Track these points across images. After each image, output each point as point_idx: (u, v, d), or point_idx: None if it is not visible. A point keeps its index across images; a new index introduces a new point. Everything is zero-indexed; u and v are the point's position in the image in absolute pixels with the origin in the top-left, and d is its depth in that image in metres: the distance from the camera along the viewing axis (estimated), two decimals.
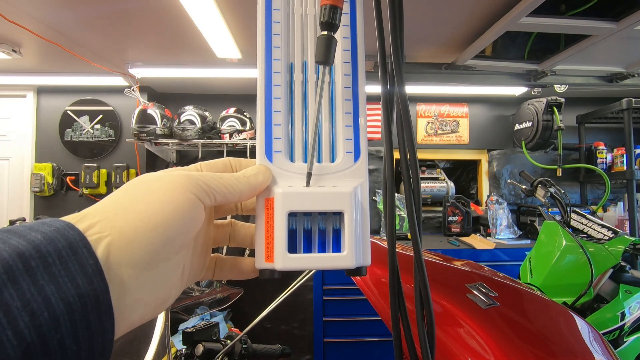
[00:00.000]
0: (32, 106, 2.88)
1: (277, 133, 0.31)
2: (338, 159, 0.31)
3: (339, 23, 0.29)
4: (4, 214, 2.81)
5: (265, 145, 0.31)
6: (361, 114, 0.32)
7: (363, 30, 0.33)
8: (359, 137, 0.31)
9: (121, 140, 2.86)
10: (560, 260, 1.49)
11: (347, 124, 0.31)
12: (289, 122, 0.31)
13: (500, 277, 0.68)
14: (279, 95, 0.31)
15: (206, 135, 2.61)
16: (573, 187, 3.00)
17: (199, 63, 2.40)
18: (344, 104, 0.32)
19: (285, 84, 0.31)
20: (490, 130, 3.08)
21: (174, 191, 0.23)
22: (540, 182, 1.70)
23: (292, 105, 0.32)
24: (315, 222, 0.29)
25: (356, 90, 0.32)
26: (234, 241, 0.33)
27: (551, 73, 2.13)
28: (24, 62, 2.40)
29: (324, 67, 0.30)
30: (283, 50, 0.32)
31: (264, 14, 0.32)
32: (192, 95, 3.02)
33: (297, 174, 0.30)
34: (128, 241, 0.21)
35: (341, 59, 0.32)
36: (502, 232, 2.53)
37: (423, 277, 0.34)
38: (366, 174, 0.31)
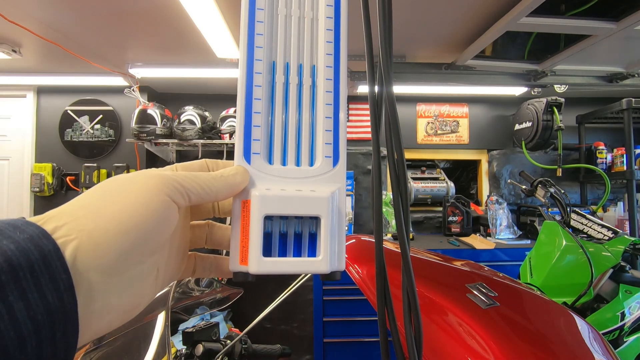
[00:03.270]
0: (32, 106, 2.89)
1: (257, 134, 0.30)
2: (317, 163, 0.31)
3: None
4: (4, 214, 2.82)
5: (243, 146, 0.30)
6: (341, 119, 0.31)
7: (347, 35, 0.33)
8: (338, 141, 0.31)
9: (121, 140, 2.87)
10: (560, 260, 1.48)
11: (327, 129, 0.31)
12: (268, 124, 0.31)
13: (500, 277, 0.67)
14: (259, 96, 0.31)
15: (206, 135, 2.61)
16: (573, 187, 2.98)
17: (199, 63, 2.40)
18: (325, 108, 0.31)
19: (267, 85, 0.31)
20: (490, 130, 3.07)
21: (146, 192, 0.23)
22: (540, 182, 1.69)
23: (273, 107, 0.31)
24: (292, 226, 0.29)
25: (337, 95, 0.32)
26: (211, 242, 0.33)
27: (551, 73, 2.12)
28: (24, 62, 2.41)
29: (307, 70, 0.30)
30: (265, 51, 0.31)
31: (247, 12, 0.32)
32: (192, 95, 3.02)
33: (275, 177, 0.30)
34: (97, 245, 0.20)
35: (324, 62, 0.32)
36: (502, 232, 2.52)
37: (411, 281, 0.34)
38: (344, 179, 0.31)
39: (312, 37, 0.33)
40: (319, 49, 0.32)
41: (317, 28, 0.33)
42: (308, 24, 0.33)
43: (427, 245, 2.38)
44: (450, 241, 2.49)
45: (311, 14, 0.33)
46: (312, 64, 0.32)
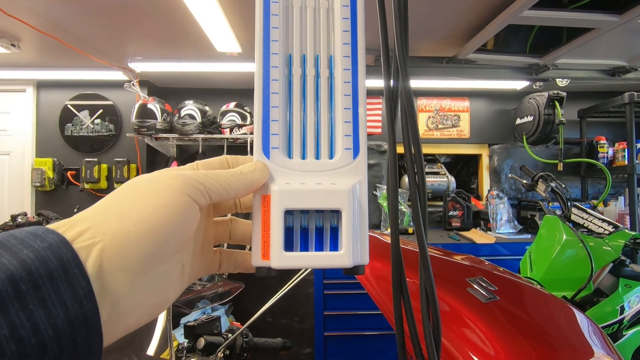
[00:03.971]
0: (31, 101, 2.88)
1: (275, 129, 0.30)
2: (337, 156, 0.31)
3: None
4: (6, 208, 2.82)
5: (262, 141, 0.30)
6: (361, 110, 0.31)
7: (364, 23, 0.33)
8: (358, 133, 0.31)
9: (121, 135, 2.86)
10: (560, 254, 1.49)
11: (346, 120, 0.31)
12: (287, 118, 0.31)
13: (500, 271, 0.68)
14: (276, 90, 0.31)
15: (206, 130, 2.61)
16: (574, 182, 2.99)
17: (198, 57, 2.39)
18: (344, 100, 0.31)
19: (284, 78, 0.31)
20: (491, 124, 3.06)
21: (167, 194, 0.23)
22: (541, 176, 1.69)
23: (291, 101, 0.31)
24: (313, 220, 0.29)
25: (356, 85, 0.32)
26: (234, 239, 0.33)
27: (553, 67, 2.12)
28: (23, 56, 2.39)
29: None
30: (281, 44, 0.31)
31: (262, 6, 0.31)
32: (192, 89, 3.01)
33: (295, 171, 0.30)
34: (121, 247, 0.21)
35: (341, 52, 0.32)
36: (502, 227, 2.53)
37: (429, 276, 0.34)
38: (365, 172, 0.31)
39: (328, 27, 0.33)
40: (336, 38, 0.32)
41: (333, 18, 0.33)
42: (324, 14, 0.33)
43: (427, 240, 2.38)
44: (450, 235, 2.50)
45: (327, 4, 0.33)
46: (329, 55, 0.32)
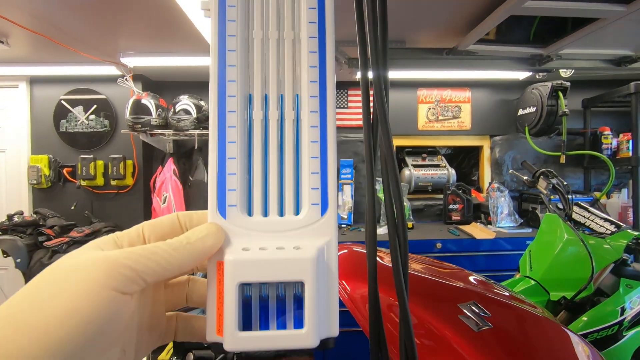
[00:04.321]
0: (25, 97, 2.83)
1: (232, 184, 0.27)
2: (303, 212, 0.28)
3: None
4: (3, 206, 2.81)
5: (218, 198, 0.27)
6: (330, 159, 0.28)
7: (333, 57, 0.29)
8: (327, 186, 0.28)
9: (117, 131, 2.82)
10: (560, 254, 1.46)
11: (313, 171, 0.27)
12: (246, 170, 0.28)
13: (493, 291, 0.65)
14: (233, 139, 0.27)
15: (202, 126, 2.56)
16: (576, 173, 2.94)
17: (191, 51, 2.33)
18: (311, 147, 0.28)
19: (242, 123, 0.27)
20: (493, 115, 3.00)
21: (85, 291, 0.20)
22: (542, 173, 1.65)
23: (251, 149, 0.28)
24: (274, 289, 0.26)
25: (324, 130, 0.28)
26: (192, 301, 0.30)
27: (557, 57, 2.05)
28: (13, 52, 2.33)
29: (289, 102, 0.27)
30: (239, 84, 0.27)
31: (217, 43, 0.28)
32: (187, 82, 2.95)
33: (256, 232, 0.27)
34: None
35: (307, 91, 0.28)
36: (503, 221, 2.50)
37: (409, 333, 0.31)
38: (335, 230, 0.28)
39: (293, 62, 0.29)
40: (302, 75, 0.28)
41: (299, 50, 0.29)
42: (289, 47, 0.29)
43: (427, 234, 2.36)
44: (450, 230, 2.48)
45: (292, 35, 0.29)
46: (294, 94, 0.29)
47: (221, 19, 0.28)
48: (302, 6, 0.29)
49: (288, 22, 0.29)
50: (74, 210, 2.78)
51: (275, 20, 0.29)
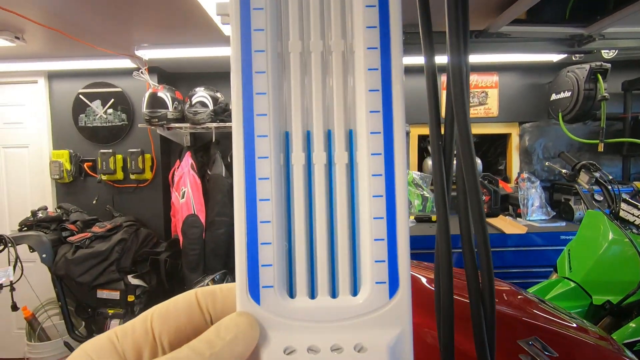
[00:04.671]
0: (44, 92, 2.84)
1: (267, 257, 0.20)
2: (363, 293, 0.20)
3: None
4: (28, 201, 2.86)
5: (248, 278, 0.20)
6: (400, 219, 0.20)
7: (402, 74, 0.21)
8: (396, 256, 0.20)
9: (134, 125, 2.80)
10: (605, 254, 1.35)
11: (377, 237, 0.20)
12: (284, 237, 0.20)
13: (556, 322, 0.56)
14: (266, 195, 0.20)
15: (219, 118, 2.51)
16: (614, 161, 2.75)
17: (206, 42, 2.26)
18: (372, 203, 0.20)
19: (276, 173, 0.20)
20: (522, 101, 2.82)
21: None
22: (583, 165, 1.52)
23: (290, 209, 0.20)
24: None
25: (391, 178, 0.20)
26: None
27: (599, 37, 1.87)
28: (30, 48, 2.32)
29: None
30: (272, 119, 0.20)
31: (240, 61, 0.20)
32: (202, 74, 2.89)
33: (300, 322, 0.20)
34: None
35: (366, 126, 0.20)
36: (534, 213, 2.37)
37: None
38: (409, 318, 0.20)
39: (345, 83, 0.21)
40: (359, 103, 0.21)
41: (353, 67, 0.21)
42: (338, 63, 0.21)
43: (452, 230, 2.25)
44: None
45: (342, 45, 0.21)
46: (347, 130, 0.21)
47: (245, 28, 0.20)
48: (356, 5, 0.21)
49: (336, 27, 0.21)
50: (95, 204, 2.81)
51: (319, 25, 0.21)
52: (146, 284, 2.37)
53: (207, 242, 2.37)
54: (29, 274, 2.58)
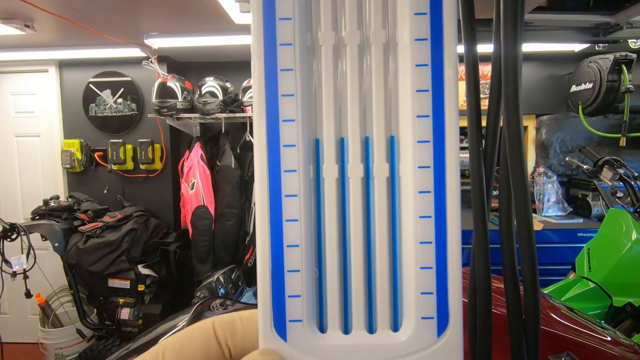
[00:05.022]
0: (55, 81, 2.84)
1: (294, 286, 0.17)
2: (406, 329, 0.17)
3: None
4: (41, 190, 2.89)
5: (273, 311, 0.17)
6: (452, 244, 0.17)
7: (456, 75, 0.17)
8: (446, 288, 0.17)
9: (144, 114, 2.79)
10: (628, 254, 1.30)
11: (423, 264, 0.17)
12: (313, 262, 0.17)
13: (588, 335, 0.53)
14: (294, 215, 0.17)
15: (228, 109, 2.48)
16: (635, 156, 2.66)
17: (216, 30, 2.22)
18: (419, 225, 0.17)
19: (306, 189, 0.17)
20: (539, 92, 2.73)
21: None
22: (607, 161, 1.46)
23: (320, 229, 0.17)
24: None
25: (441, 194, 0.17)
26: None
27: (627, 26, 1.78)
28: (40, 36, 2.31)
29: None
30: (300, 124, 0.17)
31: (262, 57, 0.17)
32: (212, 63, 2.86)
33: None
34: None
35: (413, 133, 0.17)
36: (550, 209, 2.31)
37: None
38: (460, 358, 0.17)
39: (386, 81, 0.18)
40: (404, 105, 0.17)
41: (396, 63, 0.18)
42: (378, 57, 0.18)
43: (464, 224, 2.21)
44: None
45: (383, 36, 0.18)
46: (388, 137, 0.18)
47: (268, 17, 0.17)
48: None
49: (377, 15, 0.18)
50: (106, 193, 2.83)
51: (356, 13, 0.18)
52: (156, 274, 2.39)
53: (216, 233, 2.37)
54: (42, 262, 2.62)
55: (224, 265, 2.32)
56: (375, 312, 0.18)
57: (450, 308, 0.17)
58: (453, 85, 0.17)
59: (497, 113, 0.21)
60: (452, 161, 0.17)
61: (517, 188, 0.19)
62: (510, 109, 0.18)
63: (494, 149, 0.22)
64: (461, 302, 0.17)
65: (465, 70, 0.24)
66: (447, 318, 0.17)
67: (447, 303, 0.17)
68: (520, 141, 0.19)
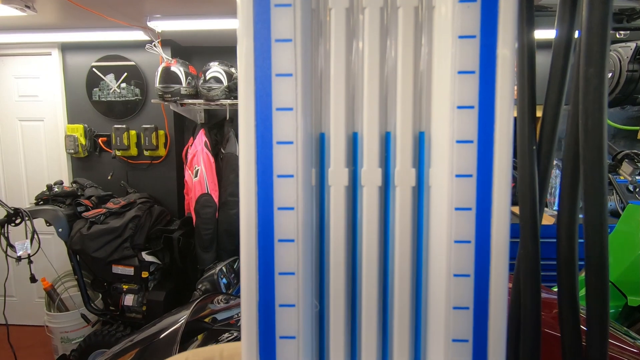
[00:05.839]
0: (58, 64, 2.80)
1: (287, 325, 0.13)
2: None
3: None
4: (45, 175, 2.89)
5: (260, 356, 0.13)
6: (496, 278, 0.13)
7: (513, 44, 0.13)
8: (486, 335, 0.13)
9: (147, 100, 2.75)
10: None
11: (457, 304, 0.13)
12: (313, 295, 0.13)
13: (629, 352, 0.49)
14: (289, 235, 0.13)
15: (233, 95, 2.43)
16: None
17: (221, 13, 2.15)
18: (453, 252, 0.13)
19: (306, 200, 0.13)
20: None
21: None
22: (627, 155, 1.40)
23: (324, 254, 0.13)
24: None
25: (487, 216, 0.13)
26: None
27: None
28: (42, 18, 2.26)
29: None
30: (300, 114, 0.13)
31: (251, 24, 0.13)
32: (217, 47, 2.79)
33: None
34: None
35: (450, 127, 0.13)
36: None
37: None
38: None
39: (416, 57, 0.13)
40: (440, 91, 0.13)
41: (431, 31, 0.13)
42: (407, 22, 0.13)
43: None
44: None
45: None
46: (416, 133, 0.13)
47: None
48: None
49: None
50: (110, 179, 2.81)
51: None
52: (160, 261, 2.39)
53: (220, 222, 2.35)
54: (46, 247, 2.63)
55: (228, 253, 2.31)
56: (390, 350, 0.14)
57: (491, 357, 0.13)
58: (509, 66, 0.12)
59: (558, 104, 0.17)
60: (502, 168, 0.12)
61: (593, 204, 0.15)
62: (591, 95, 0.14)
63: (550, 150, 0.17)
64: (504, 353, 0.13)
65: (518, 62, 0.19)
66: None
67: (486, 354, 0.13)
68: (602, 142, 0.14)
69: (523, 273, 0.18)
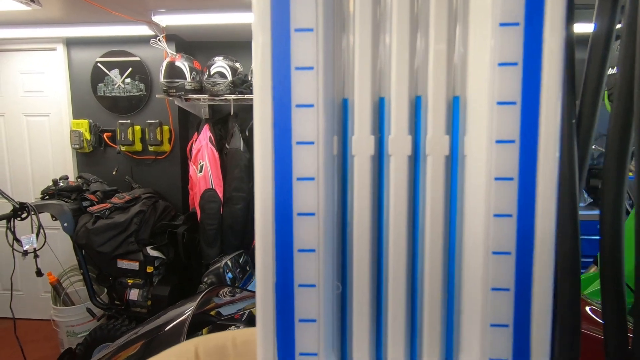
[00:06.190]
0: (63, 59, 2.80)
1: (307, 307, 0.12)
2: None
3: None
4: (50, 170, 2.90)
5: (277, 340, 0.12)
6: (542, 256, 0.12)
7: None
8: (529, 319, 0.12)
9: (152, 95, 2.75)
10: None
11: (496, 285, 0.12)
12: (335, 275, 0.12)
13: None
14: (310, 209, 0.11)
15: (237, 90, 2.42)
16: None
17: (225, 7, 2.14)
18: (492, 227, 0.12)
19: (327, 170, 0.12)
20: None
21: None
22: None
23: (347, 229, 0.12)
24: None
25: (531, 186, 0.11)
26: None
27: None
28: (46, 12, 2.26)
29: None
30: (321, 76, 0.11)
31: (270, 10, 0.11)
32: (222, 42, 2.79)
33: None
34: None
35: (489, 86, 0.11)
36: None
37: None
38: None
39: (450, 14, 0.12)
40: (477, 47, 0.12)
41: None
42: None
43: None
44: None
45: None
46: (449, 97, 0.12)
47: None
48: None
49: None
50: (115, 175, 2.82)
51: None
52: (164, 256, 2.39)
53: (224, 217, 2.34)
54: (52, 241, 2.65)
55: (232, 249, 2.31)
56: (421, 345, 0.12)
57: (533, 348, 0.12)
58: (559, 18, 0.11)
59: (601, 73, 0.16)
60: (550, 133, 0.11)
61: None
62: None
63: (593, 119, 0.16)
64: (549, 339, 0.12)
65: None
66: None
67: (529, 341, 0.12)
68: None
69: (560, 269, 0.17)
